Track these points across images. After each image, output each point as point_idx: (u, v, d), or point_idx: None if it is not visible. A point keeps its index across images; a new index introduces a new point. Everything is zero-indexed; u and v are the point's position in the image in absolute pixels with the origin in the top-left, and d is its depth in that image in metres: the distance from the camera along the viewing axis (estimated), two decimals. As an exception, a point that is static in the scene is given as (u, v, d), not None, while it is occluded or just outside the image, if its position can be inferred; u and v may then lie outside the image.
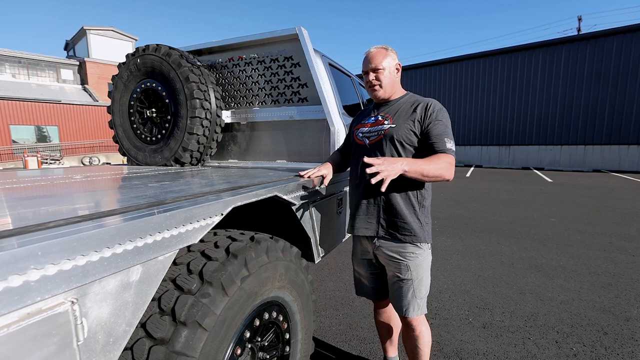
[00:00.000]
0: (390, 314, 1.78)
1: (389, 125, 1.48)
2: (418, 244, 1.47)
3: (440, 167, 1.35)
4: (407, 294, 1.49)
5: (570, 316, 2.46)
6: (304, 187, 1.56)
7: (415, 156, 1.45)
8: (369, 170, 1.24)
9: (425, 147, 1.44)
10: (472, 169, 16.26)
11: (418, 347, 1.55)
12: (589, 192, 8.43)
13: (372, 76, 1.51)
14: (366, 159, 1.29)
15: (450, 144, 1.42)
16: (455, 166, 1.48)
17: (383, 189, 1.24)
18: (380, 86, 1.52)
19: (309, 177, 1.59)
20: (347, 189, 2.11)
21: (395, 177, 1.30)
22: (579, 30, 21.48)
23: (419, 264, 1.49)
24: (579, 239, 4.39)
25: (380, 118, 1.55)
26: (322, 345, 2.17)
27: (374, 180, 1.22)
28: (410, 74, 20.44)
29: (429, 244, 1.53)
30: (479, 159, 18.42)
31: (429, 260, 1.54)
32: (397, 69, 1.55)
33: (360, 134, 1.59)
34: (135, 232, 0.74)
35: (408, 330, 1.55)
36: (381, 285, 1.67)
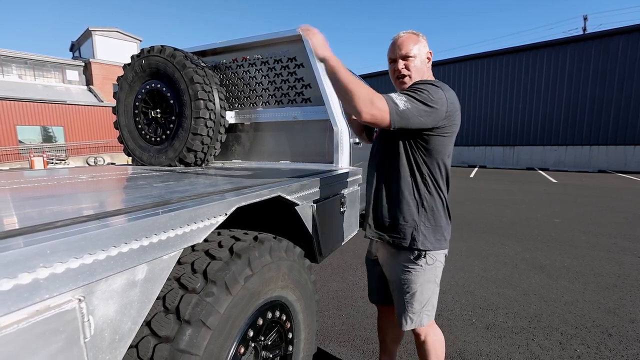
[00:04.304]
0: (387, 323, 1.66)
1: None
2: (410, 254, 1.31)
3: (357, 86, 1.10)
4: (399, 304, 1.39)
5: (575, 317, 2.45)
6: (308, 187, 1.56)
7: (426, 149, 1.27)
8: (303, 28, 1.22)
9: None
10: (476, 169, 16.18)
11: (423, 356, 1.48)
12: (594, 192, 8.37)
13: (401, 64, 1.33)
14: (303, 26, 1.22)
15: (397, 96, 1.15)
16: (459, 167, 1.29)
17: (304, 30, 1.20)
18: (410, 77, 1.33)
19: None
20: (351, 189, 2.12)
21: (313, 46, 1.17)
22: (584, 29, 21.34)
23: (412, 278, 1.32)
24: (583, 239, 4.36)
25: None
26: (324, 345, 2.18)
27: (301, 30, 1.21)
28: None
29: (432, 254, 1.31)
30: (483, 159, 18.34)
31: (428, 274, 1.33)
32: (428, 57, 1.36)
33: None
34: (141, 231, 0.75)
35: (415, 338, 1.49)
36: (379, 289, 1.57)
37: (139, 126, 2.69)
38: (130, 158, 2.82)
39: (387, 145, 1.37)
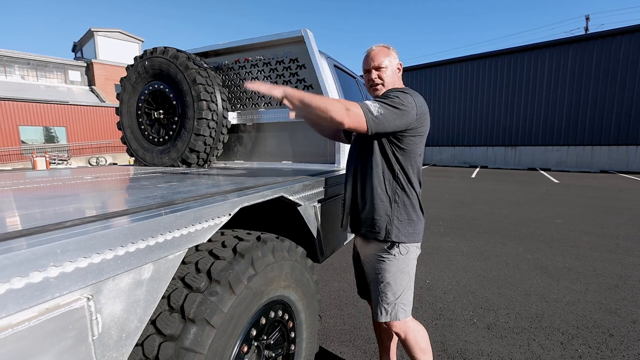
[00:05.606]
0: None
1: None
2: (384, 244, 1.41)
3: (328, 102, 1.23)
4: (374, 296, 1.46)
5: (576, 318, 2.45)
6: (310, 188, 1.58)
7: (400, 148, 1.38)
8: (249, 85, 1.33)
9: None
10: (477, 169, 16.16)
11: (409, 353, 1.51)
12: (596, 193, 8.35)
13: (374, 74, 1.47)
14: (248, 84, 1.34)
15: (372, 104, 1.27)
16: (460, 167, 1.38)
17: (250, 86, 1.32)
18: (383, 85, 1.47)
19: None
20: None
21: (267, 92, 1.31)
22: (586, 29, 21.28)
23: (385, 267, 1.41)
24: (585, 240, 4.36)
25: None
26: (326, 344, 2.19)
27: (249, 85, 1.32)
28: (414, 75, 20.38)
29: (405, 246, 1.41)
30: (485, 159, 18.30)
31: (402, 264, 1.41)
32: (398, 68, 1.51)
33: None
34: (147, 231, 0.76)
35: (398, 338, 1.51)
36: (365, 285, 1.64)
37: (142, 127, 2.70)
38: (133, 158, 2.84)
39: (363, 146, 1.48)
